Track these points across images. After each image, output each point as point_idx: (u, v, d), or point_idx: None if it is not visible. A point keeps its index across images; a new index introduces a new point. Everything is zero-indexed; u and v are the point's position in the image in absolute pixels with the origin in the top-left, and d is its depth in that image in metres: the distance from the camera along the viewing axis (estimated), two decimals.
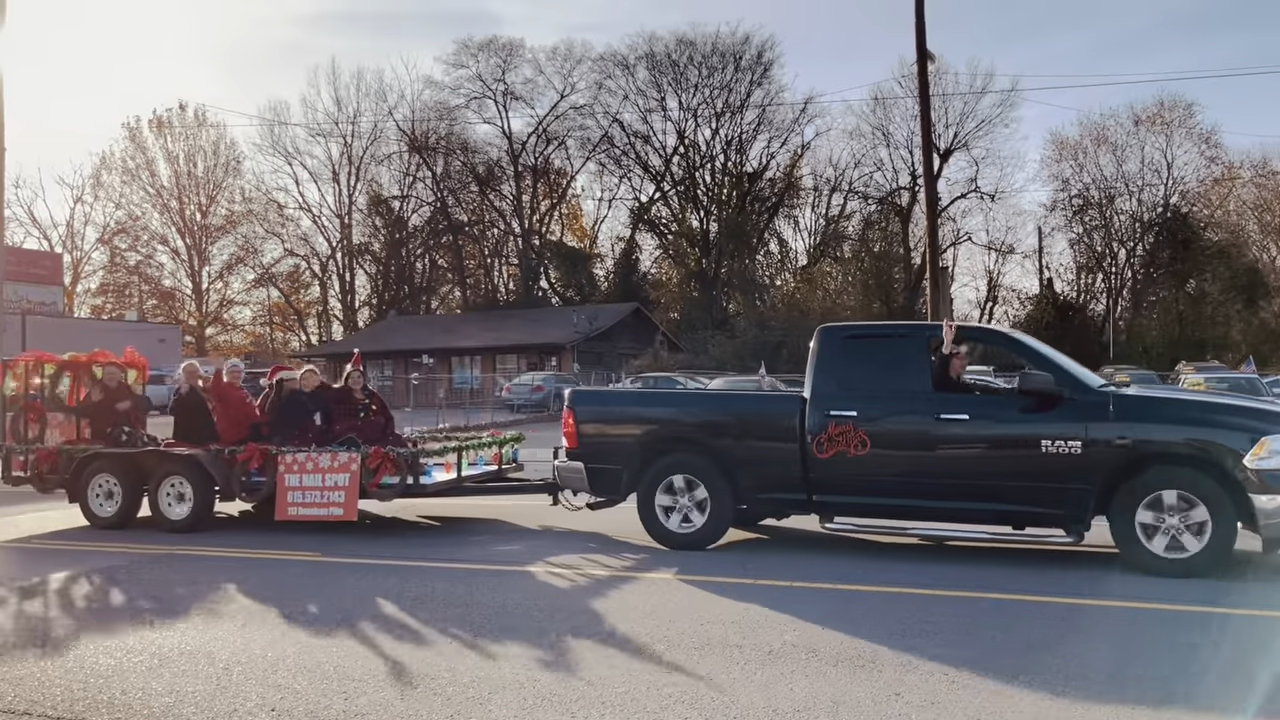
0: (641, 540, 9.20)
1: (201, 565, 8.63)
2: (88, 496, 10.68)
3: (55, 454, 10.96)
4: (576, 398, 9.81)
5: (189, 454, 10.37)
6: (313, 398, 10.98)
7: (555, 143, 65.12)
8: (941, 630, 6.01)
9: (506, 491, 11.21)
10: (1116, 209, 55.38)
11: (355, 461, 9.82)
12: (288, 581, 7.89)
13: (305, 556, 8.93)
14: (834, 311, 51.35)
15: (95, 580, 8.10)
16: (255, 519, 11.21)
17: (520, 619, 6.45)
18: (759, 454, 8.74)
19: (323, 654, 5.73)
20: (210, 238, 68.03)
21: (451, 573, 8.07)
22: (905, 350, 8.58)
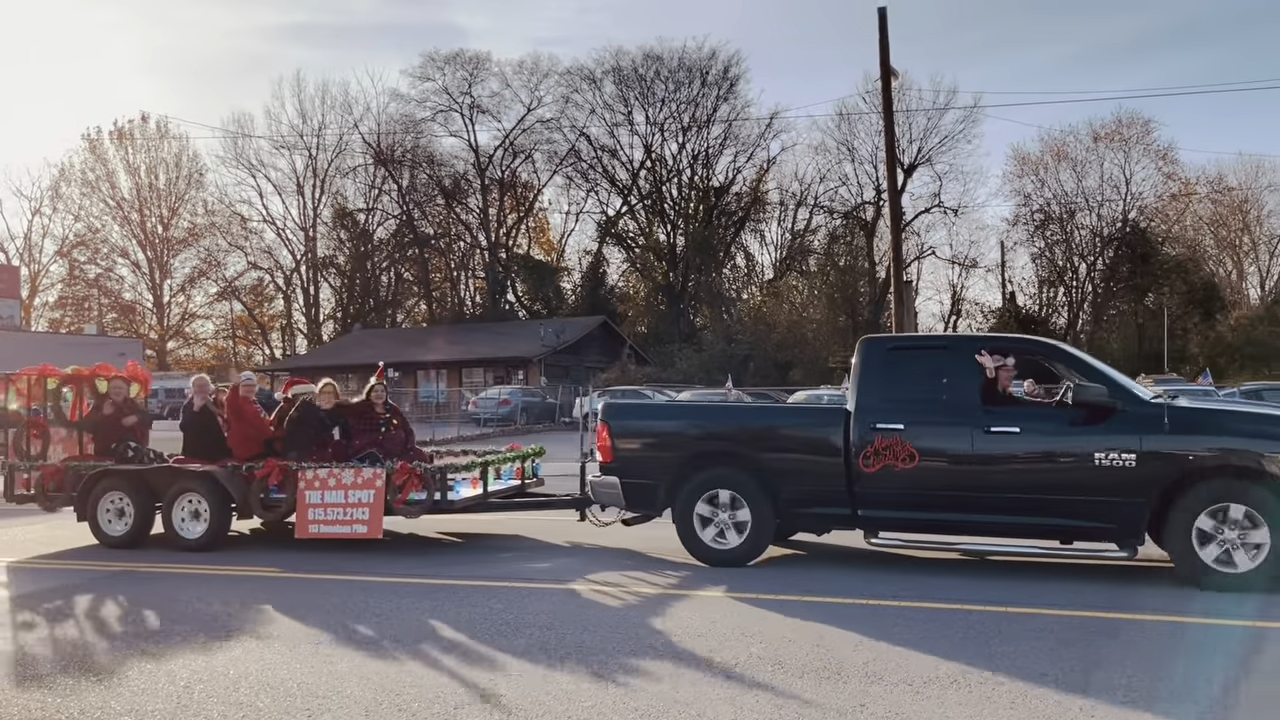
0: (677, 556, 9.00)
1: (231, 585, 8.32)
2: (98, 515, 10.27)
3: (62, 471, 10.57)
4: (611, 411, 9.52)
5: (205, 470, 10.04)
6: (331, 412, 10.74)
7: (522, 156, 65.19)
8: (1025, 649, 5.85)
9: (533, 507, 10.91)
10: (1077, 224, 56.25)
11: (380, 477, 9.52)
12: (328, 602, 7.54)
13: (338, 576, 8.60)
14: (800, 325, 51.70)
15: (123, 601, 7.78)
16: (268, 537, 10.97)
17: (584, 640, 6.21)
18: (801, 468, 8.54)
19: (396, 680, 5.49)
20: (172, 250, 67.31)
21: (493, 591, 7.80)
22: (953, 362, 8.40)
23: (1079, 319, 56.35)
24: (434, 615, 6.98)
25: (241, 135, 65.62)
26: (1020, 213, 57.41)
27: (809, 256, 61.47)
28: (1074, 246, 56.53)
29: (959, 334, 14.18)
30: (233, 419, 10.52)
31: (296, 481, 9.69)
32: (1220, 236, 60.82)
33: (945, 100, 54.95)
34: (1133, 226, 53.50)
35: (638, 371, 46.39)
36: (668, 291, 60.15)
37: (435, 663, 5.80)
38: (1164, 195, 56.86)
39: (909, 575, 8.18)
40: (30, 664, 5.94)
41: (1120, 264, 53.29)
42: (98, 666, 5.85)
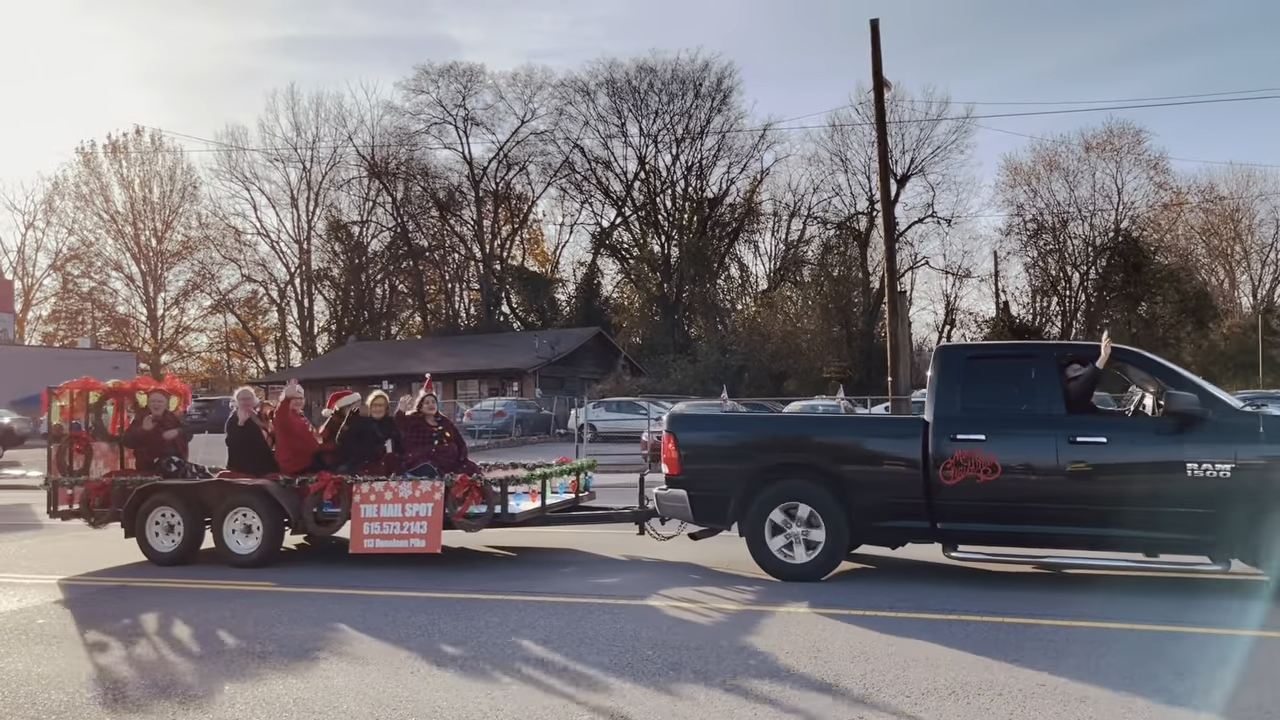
0: (744, 570, 8.82)
1: (296, 603, 8.07)
2: (146, 530, 10.04)
3: (108, 486, 10.36)
4: (678, 422, 9.32)
5: (257, 484, 9.79)
6: (382, 424, 10.53)
7: (516, 168, 65.26)
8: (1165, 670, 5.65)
9: (592, 521, 10.71)
10: (1070, 233, 56.45)
11: (439, 490, 9.33)
12: (404, 620, 7.33)
13: (404, 593, 8.34)
14: (794, 335, 51.76)
15: (193, 620, 7.51)
16: (317, 553, 10.76)
17: (685, 659, 6.01)
18: (878, 480, 8.37)
19: (513, 703, 5.31)
20: (166, 264, 67.26)
21: (570, 607, 7.62)
22: (1035, 370, 8.22)
23: (1072, 328, 56.46)
24: (518, 633, 6.82)
25: (235, 148, 65.80)
26: (1013, 222, 57.70)
27: (803, 267, 61.58)
28: (1067, 256, 56.75)
29: (1040, 342, 14.02)
30: (281, 432, 10.30)
31: (351, 495, 9.46)
32: (1212, 245, 61.08)
33: (938, 111, 55.24)
34: (1125, 236, 53.70)
35: (633, 382, 46.39)
36: (662, 302, 60.19)
37: (540, 683, 5.64)
38: (1156, 205, 57.18)
39: (986, 590, 8.02)
40: (118, 687, 5.77)
41: (1113, 273, 53.48)
42: (190, 689, 5.69)
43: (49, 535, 13.11)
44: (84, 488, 10.43)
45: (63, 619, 7.71)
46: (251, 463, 10.36)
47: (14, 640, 7.00)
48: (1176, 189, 57.58)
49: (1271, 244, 60.10)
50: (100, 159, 66.27)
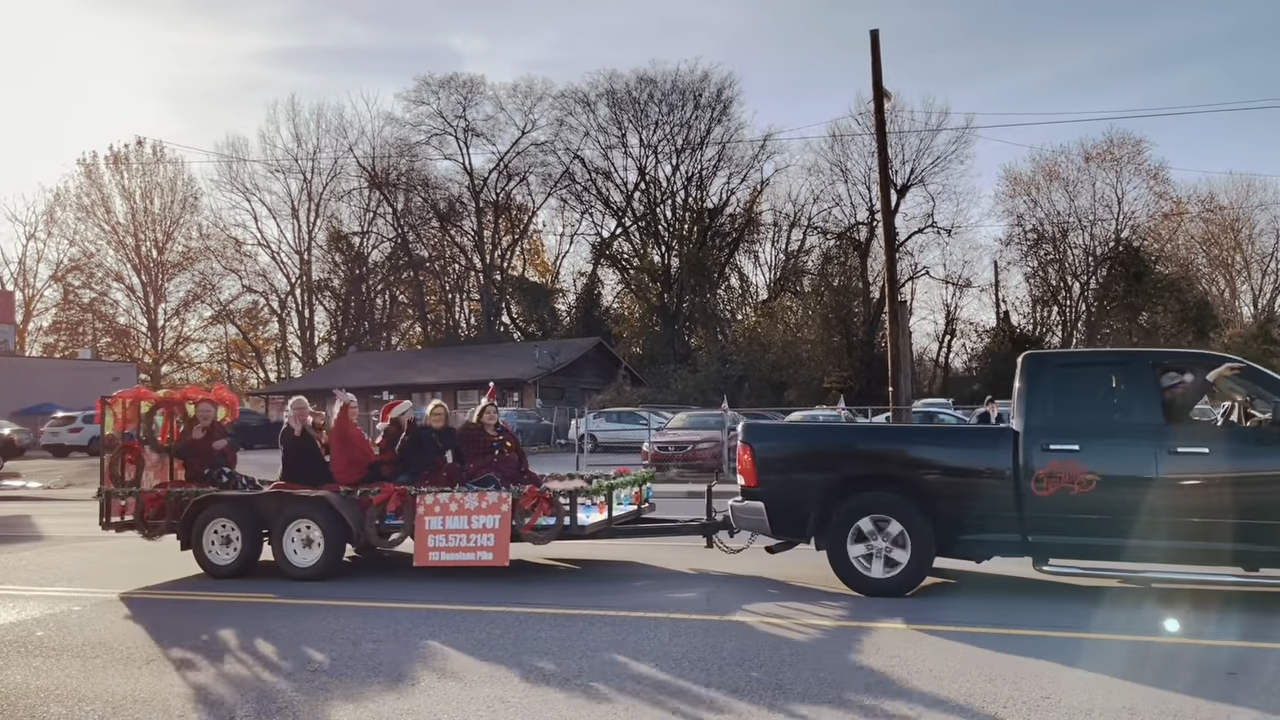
0: (821, 585, 8.64)
1: (373, 619, 7.86)
2: (203, 543, 9.85)
3: (162, 497, 10.17)
4: (754, 432, 9.05)
5: (318, 495, 9.56)
6: (442, 434, 10.40)
7: (517, 179, 65.37)
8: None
9: (659, 533, 10.43)
10: (1070, 243, 56.52)
11: (506, 502, 9.12)
12: (491, 636, 7.14)
13: (480, 608, 8.11)
14: (794, 345, 51.74)
15: (273, 635, 7.31)
16: (369, 565, 10.53)
17: (792, 677, 5.82)
18: (966, 492, 8.12)
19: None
20: (167, 274, 67.35)
21: (656, 623, 7.43)
22: (1129, 379, 8.01)
23: (1073, 338, 56.46)
24: (614, 649, 6.64)
25: (236, 159, 65.97)
26: (1013, 232, 57.76)
27: (803, 277, 61.62)
28: (1067, 266, 56.81)
29: (1134, 349, 13.79)
30: (338, 442, 10.13)
31: (415, 507, 9.27)
32: (1212, 255, 61.16)
33: (937, 121, 55.33)
34: (1125, 245, 53.75)
35: (633, 392, 46.35)
36: (662, 313, 60.20)
37: (654, 702, 5.47)
38: (1156, 214, 57.28)
39: (1077, 604, 7.83)
40: (219, 706, 5.66)
41: (1114, 283, 53.51)
42: (296, 710, 5.52)
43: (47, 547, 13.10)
44: (138, 499, 10.25)
45: (61, 631, 7.67)
46: (306, 473, 10.17)
47: (12, 653, 6.96)
48: (1176, 199, 57.76)
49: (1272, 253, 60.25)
50: (101, 170, 66.52)
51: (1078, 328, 56.63)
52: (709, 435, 24.45)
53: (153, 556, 11.77)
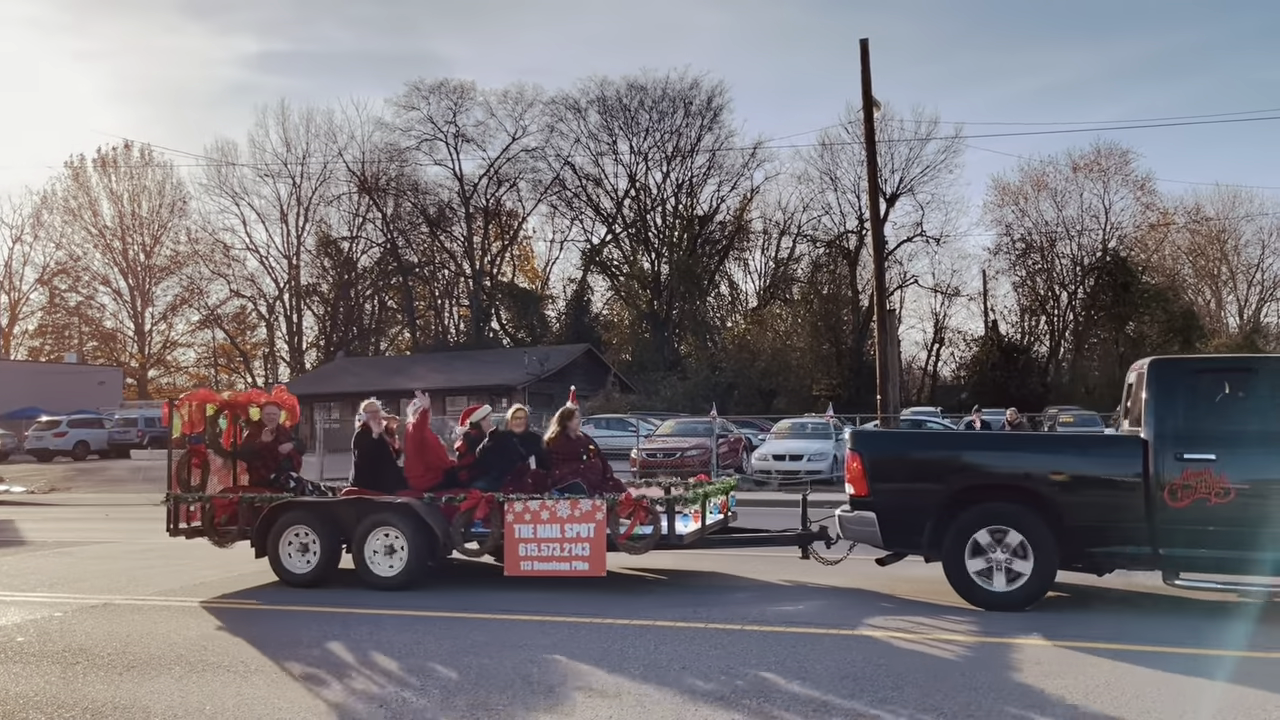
0: (930, 598, 8.48)
1: (478, 631, 7.55)
2: (279, 550, 9.57)
3: (234, 503, 9.90)
4: (864, 440, 8.81)
5: (403, 502, 9.29)
6: (524, 439, 10.09)
7: (507, 184, 65.30)
8: None
9: (754, 543, 10.12)
10: (1058, 253, 56.74)
11: (601, 510, 8.82)
12: (610, 647, 6.92)
13: (593, 620, 7.86)
14: (784, 353, 51.80)
15: (389, 649, 7.01)
16: (443, 574, 10.17)
17: (947, 699, 5.60)
18: (1092, 502, 7.83)
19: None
20: (154, 278, 67.04)
21: (779, 637, 7.21)
22: (1268, 385, 7.72)
23: (1061, 347, 56.69)
24: (757, 665, 6.40)
25: (225, 163, 65.60)
26: (1002, 242, 57.96)
27: (793, 285, 61.69)
28: (1055, 275, 57.02)
29: (1268, 355, 13.44)
30: (415, 446, 9.85)
31: (504, 514, 9.02)
32: (1199, 266, 61.48)
33: (927, 130, 55.50)
34: (1113, 255, 54.00)
35: (622, 399, 46.30)
36: (652, 319, 60.20)
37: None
38: (1143, 225, 57.55)
39: (1201, 619, 7.67)
40: (98, 708, 5.60)
41: (1101, 293, 53.72)
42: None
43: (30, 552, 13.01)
44: (209, 504, 10.00)
45: (42, 637, 7.60)
46: (381, 478, 9.93)
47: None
48: (1163, 209, 58.05)
49: (1257, 264, 60.66)
50: (89, 173, 66.27)
51: (1065, 337, 56.87)
52: (698, 442, 24.43)
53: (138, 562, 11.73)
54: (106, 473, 30.67)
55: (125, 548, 13.36)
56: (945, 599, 8.30)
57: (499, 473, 9.70)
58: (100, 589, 9.71)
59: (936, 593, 8.50)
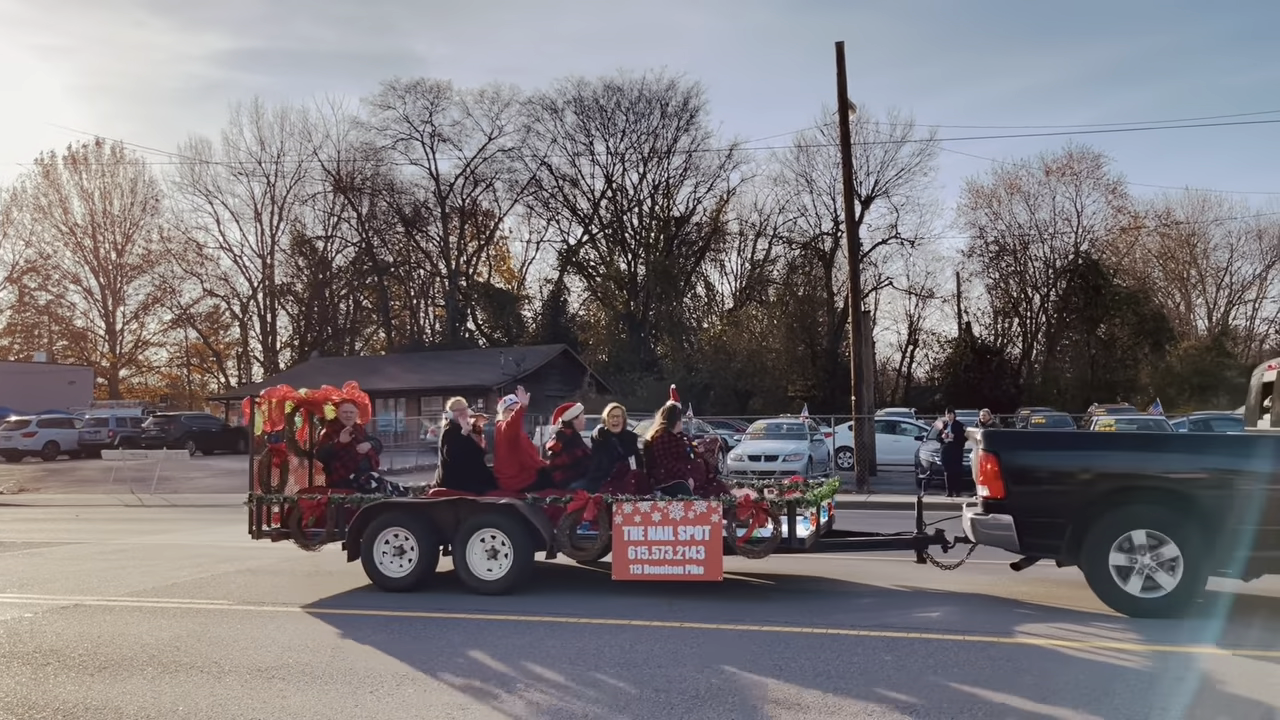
0: (1063, 603, 8.31)
1: (612, 637, 7.25)
2: (374, 553, 9.20)
3: (323, 504, 9.52)
4: (1000, 440, 8.47)
5: (507, 503, 8.98)
6: (623, 438, 9.72)
7: (483, 185, 65.14)
8: None
9: (870, 547, 9.70)
10: (1030, 255, 57.16)
11: (717, 511, 8.49)
12: (784, 658, 6.64)
13: (733, 626, 7.65)
14: (760, 354, 51.97)
15: (534, 656, 6.74)
16: (553, 576, 9.88)
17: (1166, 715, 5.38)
18: (1250, 505, 7.39)
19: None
20: (126, 277, 66.38)
21: (941, 645, 6.97)
22: None
23: (1033, 349, 57.14)
24: (948, 675, 6.19)
25: (198, 161, 65.07)
26: (975, 244, 58.29)
27: (768, 286, 61.88)
28: (1028, 278, 57.45)
29: None
30: (507, 446, 9.53)
31: (612, 516, 8.70)
32: (1169, 269, 62.13)
33: (902, 133, 55.80)
34: (1084, 258, 54.48)
35: (598, 400, 46.31)
36: (628, 320, 60.23)
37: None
38: (1114, 228, 58.07)
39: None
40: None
41: (1073, 295, 54.19)
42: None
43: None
44: (295, 506, 9.62)
45: (11, 638, 7.54)
46: (471, 478, 9.62)
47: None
48: (1134, 213, 58.62)
49: (1226, 268, 61.32)
50: (60, 170, 65.51)
51: (1038, 339, 57.33)
52: None
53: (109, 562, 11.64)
54: (77, 473, 30.35)
55: (96, 548, 13.24)
56: (1080, 604, 8.14)
57: (598, 473, 9.38)
58: (71, 589, 9.63)
59: (1068, 598, 8.35)
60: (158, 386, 69.37)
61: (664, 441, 9.60)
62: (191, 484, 25.83)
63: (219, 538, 14.55)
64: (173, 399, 65.82)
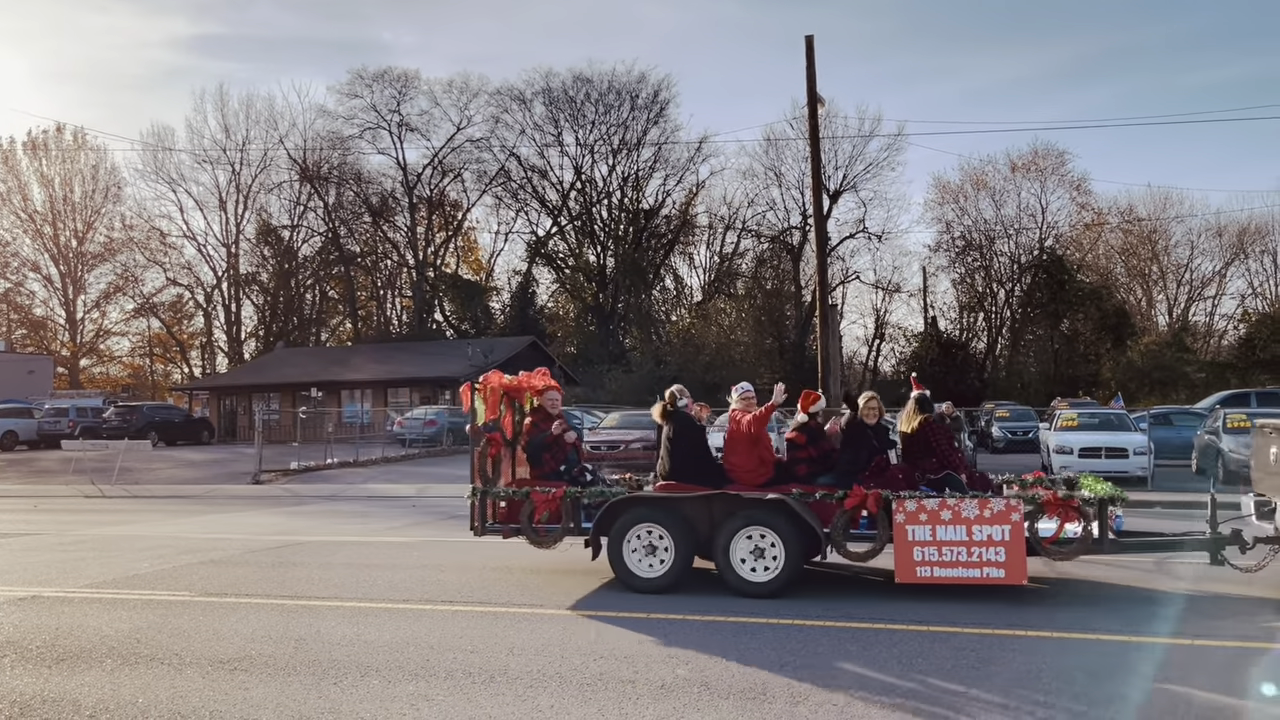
0: (1032, 595, 8.11)
1: (930, 646, 6.71)
2: (622, 551, 8.62)
3: (559, 498, 8.93)
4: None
5: (776, 498, 8.35)
6: (878, 430, 9.10)
7: (451, 175, 64.79)
8: None
9: (1156, 548, 8.82)
10: (996, 251, 57.78)
11: (1018, 510, 7.86)
12: (753, 651, 6.49)
13: (692, 617, 7.48)
14: (728, 347, 52.15)
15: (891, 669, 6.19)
16: (822, 578, 9.22)
17: None
18: None
19: None
20: (87, 265, 65.27)
21: (917, 637, 6.83)
22: None
23: (998, 343, 57.76)
24: (906, 664, 6.11)
25: (162, 149, 64.14)
26: (942, 239, 58.90)
27: (737, 279, 62.10)
28: (993, 273, 58.07)
29: None
30: (747, 439, 8.90)
31: (892, 514, 8.08)
32: (1131, 265, 62.98)
33: (870, 128, 56.22)
34: (1049, 254, 55.14)
35: (566, 392, 46.23)
36: (597, 312, 60.19)
37: None
38: (1078, 224, 58.84)
39: None
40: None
41: (1037, 290, 54.82)
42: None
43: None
44: (528, 500, 9.04)
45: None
46: (703, 471, 9.06)
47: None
48: (1097, 210, 59.41)
49: (1186, 265, 62.24)
50: (19, 156, 64.25)
51: (1003, 333, 57.97)
52: (641, 435, 24.52)
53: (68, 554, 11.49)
54: (36, 464, 29.88)
55: (54, 539, 13.06)
56: (1050, 594, 7.91)
57: (851, 467, 8.79)
58: (28, 581, 9.49)
59: (1034, 589, 8.19)
60: (119, 376, 68.34)
61: (932, 431, 9.04)
62: (154, 475, 25.52)
63: (181, 529, 14.40)
64: (135, 389, 64.90)
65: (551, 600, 8.34)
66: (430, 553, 11.36)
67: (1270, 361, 43.33)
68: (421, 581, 9.37)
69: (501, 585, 9.10)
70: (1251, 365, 44.12)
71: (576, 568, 9.76)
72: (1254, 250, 60.73)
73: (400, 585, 9.18)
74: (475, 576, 9.62)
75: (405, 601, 8.34)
